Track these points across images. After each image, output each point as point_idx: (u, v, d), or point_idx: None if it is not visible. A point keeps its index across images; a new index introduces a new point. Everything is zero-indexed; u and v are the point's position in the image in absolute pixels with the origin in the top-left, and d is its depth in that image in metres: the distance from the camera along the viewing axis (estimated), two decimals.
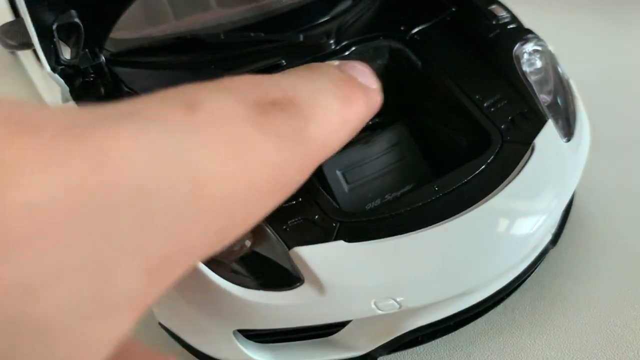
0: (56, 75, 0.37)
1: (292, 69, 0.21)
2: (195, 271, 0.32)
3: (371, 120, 0.43)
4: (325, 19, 0.46)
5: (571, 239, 0.43)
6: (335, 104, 0.20)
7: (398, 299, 0.32)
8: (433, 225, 0.35)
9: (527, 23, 0.46)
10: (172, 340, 0.38)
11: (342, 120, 0.20)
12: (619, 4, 0.74)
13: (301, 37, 0.43)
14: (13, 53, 0.70)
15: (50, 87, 0.56)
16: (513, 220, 0.36)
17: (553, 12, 0.73)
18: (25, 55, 0.63)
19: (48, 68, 0.37)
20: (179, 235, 0.14)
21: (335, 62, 0.23)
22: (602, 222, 0.45)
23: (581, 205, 0.46)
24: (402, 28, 0.45)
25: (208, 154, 0.15)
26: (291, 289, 0.32)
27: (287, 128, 0.18)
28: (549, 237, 0.40)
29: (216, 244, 0.16)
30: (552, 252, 0.41)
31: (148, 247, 0.13)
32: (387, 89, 0.44)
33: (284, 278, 0.32)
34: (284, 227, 0.33)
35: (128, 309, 0.13)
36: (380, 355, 0.36)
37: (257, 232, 0.33)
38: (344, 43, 0.43)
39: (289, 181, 0.18)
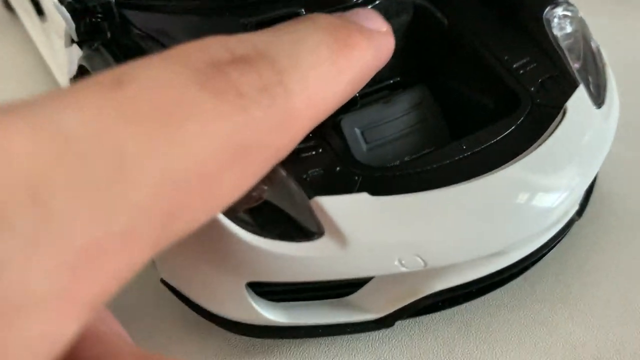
0: (63, 8, 0.35)
1: (275, 25, 0.19)
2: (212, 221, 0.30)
3: (392, 79, 0.42)
4: None
5: (595, 213, 0.41)
6: (324, 50, 0.18)
7: (423, 257, 0.30)
8: (459, 184, 0.33)
9: None
10: (175, 298, 0.36)
11: (337, 67, 0.18)
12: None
13: None
14: (11, 10, 0.68)
15: (50, 40, 0.54)
16: (542, 185, 0.34)
17: None
18: (24, 12, 0.60)
19: (58, 3, 0.34)
20: (100, 225, 0.12)
21: (339, 13, 0.22)
22: (625, 197, 0.43)
23: (607, 179, 0.44)
24: None
25: (133, 130, 0.13)
26: (311, 240, 0.30)
27: (252, 85, 0.16)
28: (575, 208, 0.38)
29: (170, 227, 0.14)
30: (576, 226, 0.39)
31: (54, 241, 0.11)
32: (410, 48, 0.42)
33: (303, 229, 0.30)
34: (304, 176, 0.31)
35: (54, 307, 0.12)
36: (399, 319, 0.34)
37: (274, 180, 0.31)
38: None
39: (264, 144, 0.16)
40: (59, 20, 0.38)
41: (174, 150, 0.14)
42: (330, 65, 0.18)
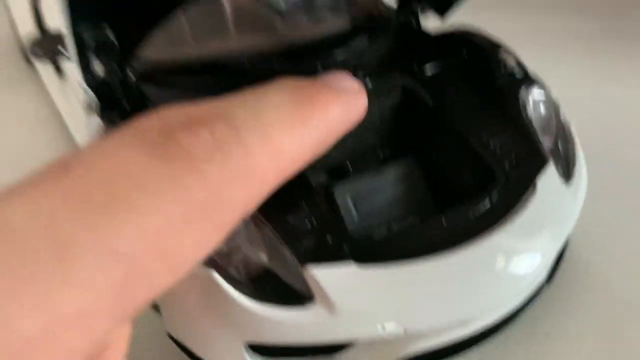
0: (88, 88, 0.39)
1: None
2: (210, 282, 0.34)
3: (382, 152, 0.46)
4: (344, 54, 0.48)
5: (565, 278, 0.45)
6: (288, 105, 0.19)
7: (403, 324, 0.34)
8: (439, 255, 0.36)
9: (533, 71, 0.49)
10: (179, 351, 0.39)
11: (302, 122, 0.19)
12: (618, 56, 0.78)
13: (319, 68, 0.45)
14: (31, 65, 0.72)
15: (67, 98, 0.58)
16: (512, 256, 0.38)
17: (559, 62, 0.76)
18: (44, 68, 0.65)
19: (82, 80, 0.38)
20: (46, 311, 0.13)
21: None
22: (594, 264, 0.47)
23: (577, 245, 0.48)
24: (415, 68, 0.47)
25: (76, 215, 0.14)
26: (303, 306, 0.33)
27: (203, 144, 0.17)
28: (544, 275, 0.42)
29: (128, 300, 0.15)
30: (546, 290, 0.43)
31: None
32: (399, 124, 0.47)
33: (296, 295, 0.34)
34: (298, 246, 0.35)
35: None
36: None
37: (272, 248, 0.35)
38: (359, 76, 0.45)
39: (223, 199, 0.17)
40: (79, 81, 0.42)
41: (121, 227, 0.15)
42: (295, 120, 0.19)
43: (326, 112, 0.21)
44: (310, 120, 0.21)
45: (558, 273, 0.44)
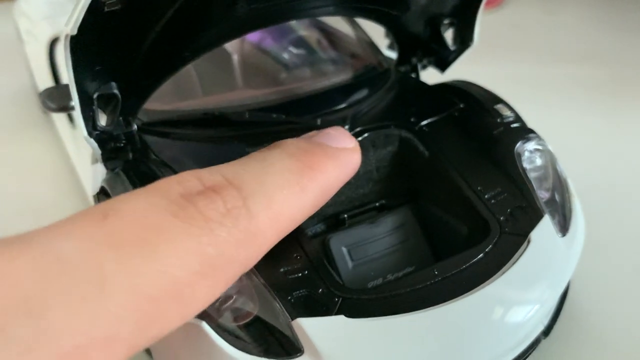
0: (91, 140, 0.40)
1: (250, 154, 0.23)
2: (199, 334, 0.34)
3: (379, 201, 0.47)
4: (342, 106, 0.49)
5: (563, 331, 0.44)
6: (289, 174, 0.21)
7: None
8: (431, 308, 0.36)
9: (530, 122, 0.49)
10: None
11: (302, 187, 0.22)
12: (619, 107, 0.78)
13: (319, 122, 0.46)
14: (46, 114, 0.75)
15: (78, 147, 0.60)
16: (506, 309, 0.38)
17: (556, 112, 0.77)
18: (58, 117, 0.67)
19: (85, 132, 0.40)
20: (83, 332, 0.15)
21: (312, 133, 0.25)
22: (594, 316, 0.46)
23: (575, 299, 0.47)
24: (412, 119, 0.48)
25: (114, 254, 0.16)
26: (291, 358, 0.33)
27: (217, 210, 0.19)
28: (540, 328, 0.42)
29: (147, 331, 0.17)
30: (544, 343, 0.42)
31: (45, 347, 0.14)
32: (395, 174, 0.47)
33: (285, 347, 0.34)
34: (289, 297, 0.35)
35: None
36: None
37: (262, 300, 0.35)
38: (357, 129, 0.46)
39: (230, 258, 0.19)
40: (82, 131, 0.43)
41: (147, 269, 0.16)
42: (296, 186, 0.21)
43: (324, 176, 0.23)
44: (310, 186, 0.22)
45: (556, 326, 0.44)
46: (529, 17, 1.14)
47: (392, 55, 0.59)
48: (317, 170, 0.23)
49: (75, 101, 0.38)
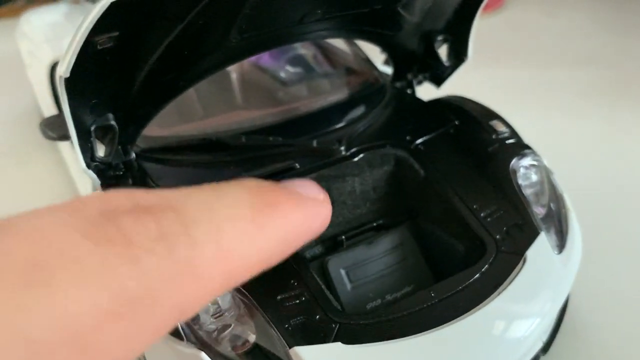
0: (90, 171, 0.41)
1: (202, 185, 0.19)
2: None
3: (376, 221, 0.47)
4: (338, 126, 0.50)
5: (562, 347, 0.44)
6: (243, 207, 0.18)
7: None
8: (427, 331, 0.37)
9: (531, 126, 0.49)
10: None
11: (257, 225, 0.18)
12: (621, 110, 0.78)
13: (314, 143, 0.47)
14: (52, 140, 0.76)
15: (80, 172, 0.61)
16: (503, 328, 0.38)
17: (557, 116, 0.77)
18: (62, 144, 0.68)
19: (83, 164, 0.40)
20: None
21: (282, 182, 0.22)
22: (593, 331, 0.46)
23: (574, 313, 0.47)
24: (407, 138, 0.49)
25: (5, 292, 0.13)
26: None
27: (146, 233, 0.15)
28: (539, 345, 0.42)
29: None
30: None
31: None
32: (392, 194, 0.48)
33: None
34: (286, 325, 0.35)
35: None
36: None
37: (260, 328, 0.36)
38: (353, 150, 0.47)
39: (159, 296, 0.15)
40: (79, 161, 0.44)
41: (34, 310, 0.13)
42: (250, 222, 0.18)
43: (286, 220, 0.20)
44: (267, 226, 0.19)
45: (554, 342, 0.44)
46: (529, 20, 1.14)
47: (388, 70, 0.60)
48: (277, 209, 0.19)
49: (72, 135, 0.38)
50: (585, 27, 1.09)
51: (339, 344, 0.35)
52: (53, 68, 0.66)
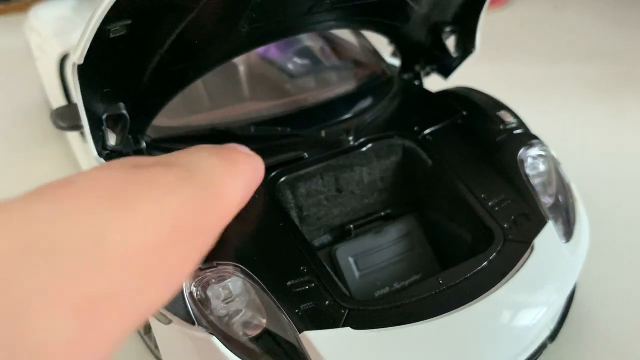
0: (101, 160, 0.41)
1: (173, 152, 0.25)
2: (210, 348, 0.35)
3: (384, 211, 0.47)
4: (347, 117, 0.50)
5: (570, 336, 0.45)
6: (217, 161, 0.23)
7: None
8: (436, 317, 0.37)
9: (538, 120, 0.50)
10: None
11: (230, 173, 0.24)
12: (629, 105, 0.78)
13: (323, 134, 0.47)
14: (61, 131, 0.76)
15: (91, 162, 0.61)
16: (511, 316, 0.38)
17: (565, 111, 0.77)
18: (71, 133, 0.68)
19: (95, 153, 0.41)
20: (92, 280, 0.16)
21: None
22: (600, 320, 0.47)
23: (582, 302, 0.48)
24: (415, 128, 0.49)
25: (83, 213, 0.17)
26: None
27: (171, 177, 0.20)
28: (547, 333, 0.42)
29: (142, 288, 0.17)
30: (551, 348, 0.43)
31: (63, 291, 0.15)
32: (399, 184, 0.48)
33: (294, 358, 0.35)
34: (297, 311, 0.36)
35: (62, 354, 0.15)
36: None
37: (271, 313, 0.36)
38: (361, 140, 0.47)
39: (193, 223, 0.20)
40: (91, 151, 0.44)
41: (132, 221, 0.17)
42: (226, 171, 0.23)
43: (244, 171, 0.25)
44: (235, 172, 0.24)
45: (562, 331, 0.44)
46: (537, 14, 1.14)
47: (396, 62, 0.60)
48: (238, 163, 0.25)
49: (84, 123, 0.39)
50: (593, 21, 1.09)
51: (348, 329, 0.35)
52: (62, 61, 0.66)
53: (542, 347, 0.42)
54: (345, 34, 0.61)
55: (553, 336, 0.43)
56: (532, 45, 1.00)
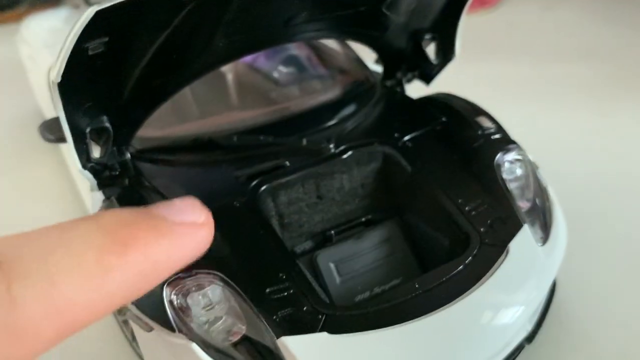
0: (86, 172, 0.42)
1: (56, 224, 0.19)
2: (189, 354, 0.36)
3: (365, 217, 0.48)
4: (328, 124, 0.51)
5: (548, 337, 0.46)
6: (89, 253, 0.17)
7: None
8: (411, 321, 0.38)
9: (526, 122, 0.50)
10: None
11: (103, 268, 0.17)
12: (617, 107, 0.79)
13: (304, 142, 0.48)
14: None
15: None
16: (485, 317, 0.39)
17: (553, 112, 0.78)
18: (64, 145, 0.69)
19: (79, 165, 0.42)
20: None
21: (158, 204, 0.21)
22: (578, 322, 0.47)
23: (561, 305, 0.48)
24: (395, 135, 0.50)
25: None
26: None
27: None
28: (523, 334, 0.43)
29: None
30: (529, 349, 0.44)
31: None
32: (380, 190, 0.49)
33: None
34: (274, 317, 0.37)
35: None
36: None
37: (249, 320, 0.37)
38: (342, 147, 0.48)
39: None
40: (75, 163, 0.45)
41: None
42: (95, 267, 0.17)
43: (144, 255, 0.18)
44: (117, 268, 0.17)
45: (540, 332, 0.45)
46: (527, 14, 1.15)
47: (379, 69, 0.61)
48: (132, 247, 0.18)
49: (67, 137, 0.39)
50: (584, 20, 1.09)
51: (325, 333, 0.36)
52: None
53: (519, 349, 0.43)
54: (329, 42, 0.62)
55: (530, 337, 0.44)
56: (521, 46, 1.01)
